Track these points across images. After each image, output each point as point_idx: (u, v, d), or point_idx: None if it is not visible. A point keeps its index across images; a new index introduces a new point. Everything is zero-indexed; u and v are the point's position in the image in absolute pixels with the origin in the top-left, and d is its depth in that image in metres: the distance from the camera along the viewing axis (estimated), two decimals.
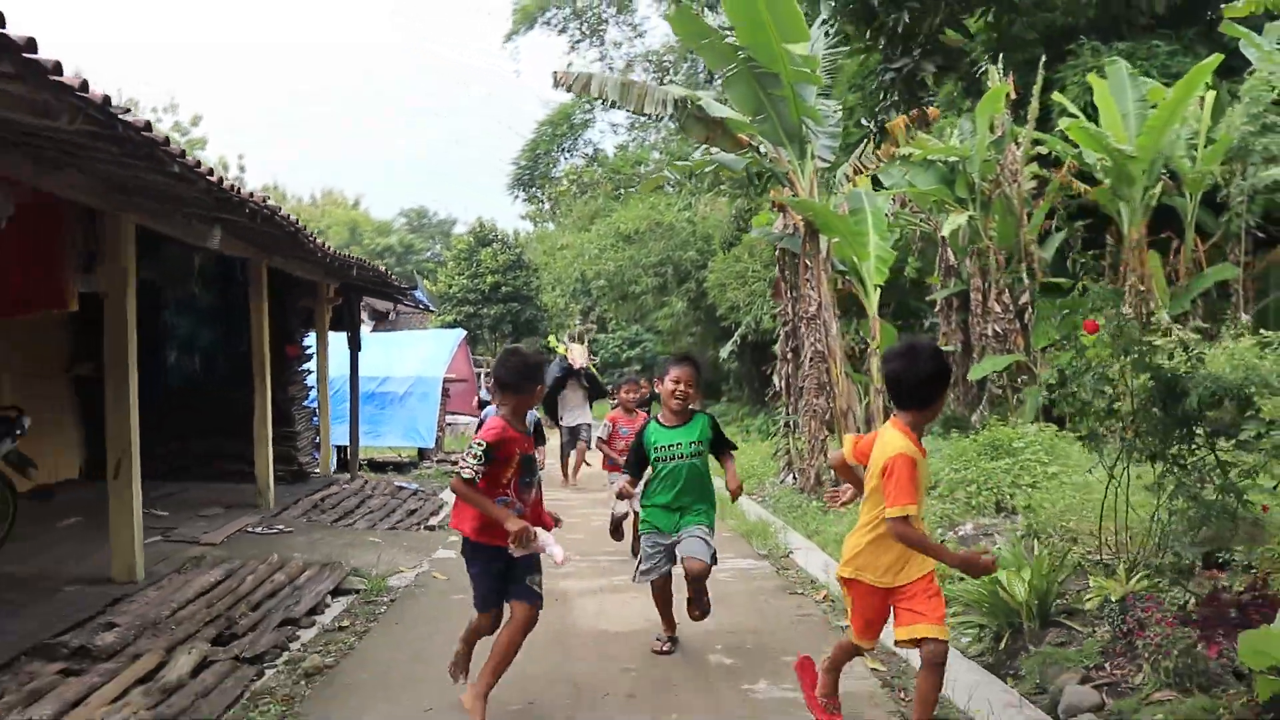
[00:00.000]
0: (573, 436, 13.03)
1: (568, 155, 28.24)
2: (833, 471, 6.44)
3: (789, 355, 12.29)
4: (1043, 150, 13.10)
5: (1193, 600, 4.48)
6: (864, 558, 3.75)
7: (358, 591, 6.26)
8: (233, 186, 5.68)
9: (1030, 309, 12.76)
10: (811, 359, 11.25)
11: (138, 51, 74.12)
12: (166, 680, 4.28)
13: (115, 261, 5.82)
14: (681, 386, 5.07)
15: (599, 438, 8.39)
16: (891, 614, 3.76)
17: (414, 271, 32.11)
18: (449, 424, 16.62)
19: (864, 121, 15.99)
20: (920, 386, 3.58)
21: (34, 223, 5.55)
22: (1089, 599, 5.17)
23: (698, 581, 5.07)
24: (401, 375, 14.13)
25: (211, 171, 5.36)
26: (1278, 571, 4.36)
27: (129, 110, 4.49)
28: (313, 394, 11.38)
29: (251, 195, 6.13)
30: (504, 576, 4.06)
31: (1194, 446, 4.74)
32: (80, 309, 6.62)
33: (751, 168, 11.73)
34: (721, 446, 5.29)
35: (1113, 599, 4.75)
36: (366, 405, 13.50)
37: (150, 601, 5.60)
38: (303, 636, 5.26)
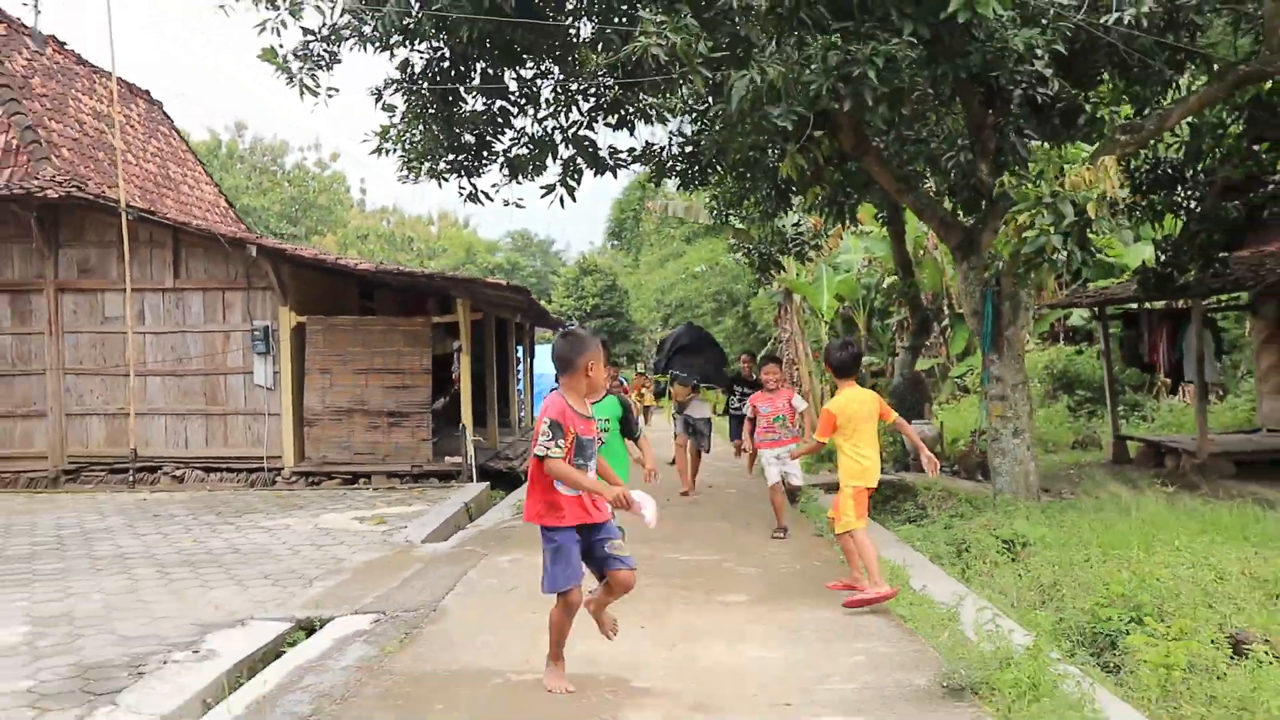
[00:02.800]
0: (692, 432, 12.56)
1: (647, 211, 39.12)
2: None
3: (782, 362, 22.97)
4: None
5: None
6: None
7: None
8: (539, 301, 16.52)
9: (949, 329, 23.13)
10: (787, 364, 21.89)
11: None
12: None
13: (488, 330, 16.66)
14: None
15: (747, 417, 9.36)
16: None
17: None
18: None
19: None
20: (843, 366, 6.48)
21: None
22: None
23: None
24: (552, 372, 25.05)
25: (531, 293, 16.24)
26: None
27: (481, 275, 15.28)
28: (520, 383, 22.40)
29: (534, 298, 16.98)
30: (584, 553, 4.49)
31: None
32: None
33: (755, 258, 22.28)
34: (630, 429, 6.40)
35: None
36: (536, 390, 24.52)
37: (510, 449, 16.53)
38: None
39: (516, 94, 10.94)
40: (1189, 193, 12.67)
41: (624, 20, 8.21)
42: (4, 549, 8.94)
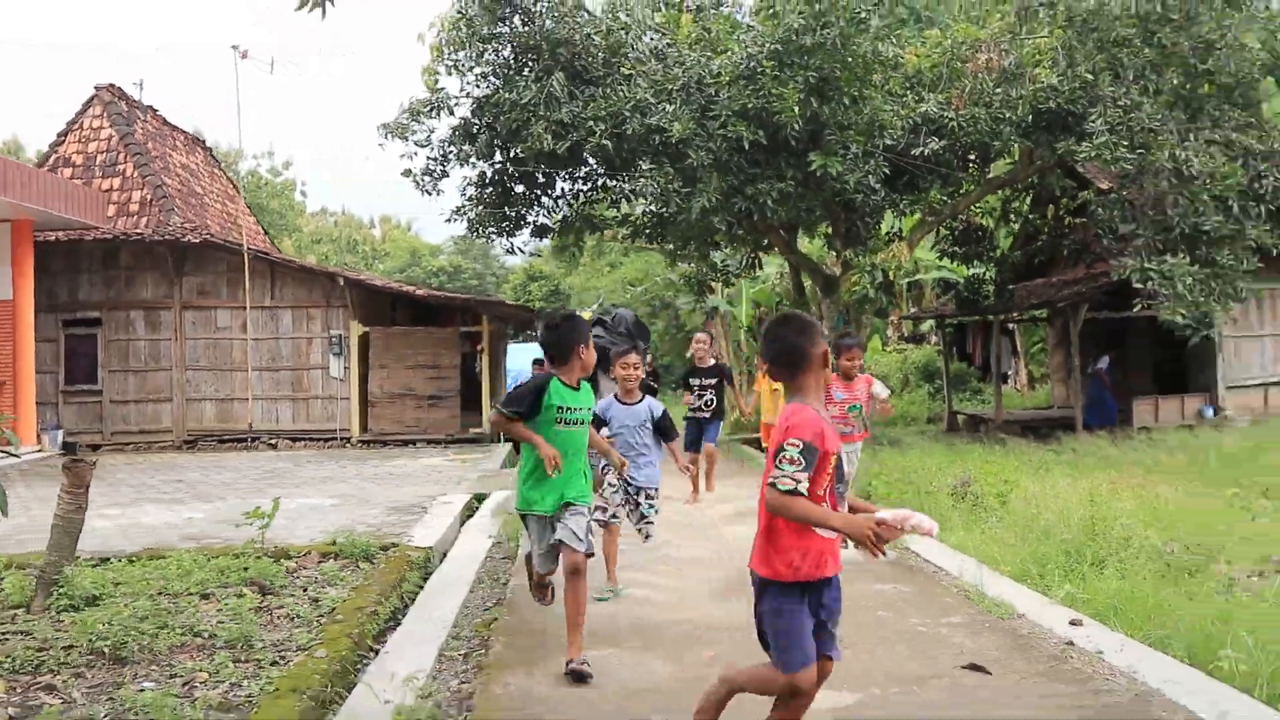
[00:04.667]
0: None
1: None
2: None
3: None
4: None
5: None
6: None
7: None
8: (534, 312, 22.88)
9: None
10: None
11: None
12: None
13: (494, 336, 23.00)
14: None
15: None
16: None
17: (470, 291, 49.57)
18: None
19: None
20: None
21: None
22: None
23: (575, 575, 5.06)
24: (516, 368, 31.37)
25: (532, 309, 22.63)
26: None
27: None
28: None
29: (531, 309, 23.31)
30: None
31: None
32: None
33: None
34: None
35: None
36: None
37: None
38: None
39: (543, 183, 17.42)
40: (986, 246, 19.67)
41: (629, 162, 14.78)
42: (244, 477, 15.15)
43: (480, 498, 12.43)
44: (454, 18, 15.38)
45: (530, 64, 14.99)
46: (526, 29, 15.16)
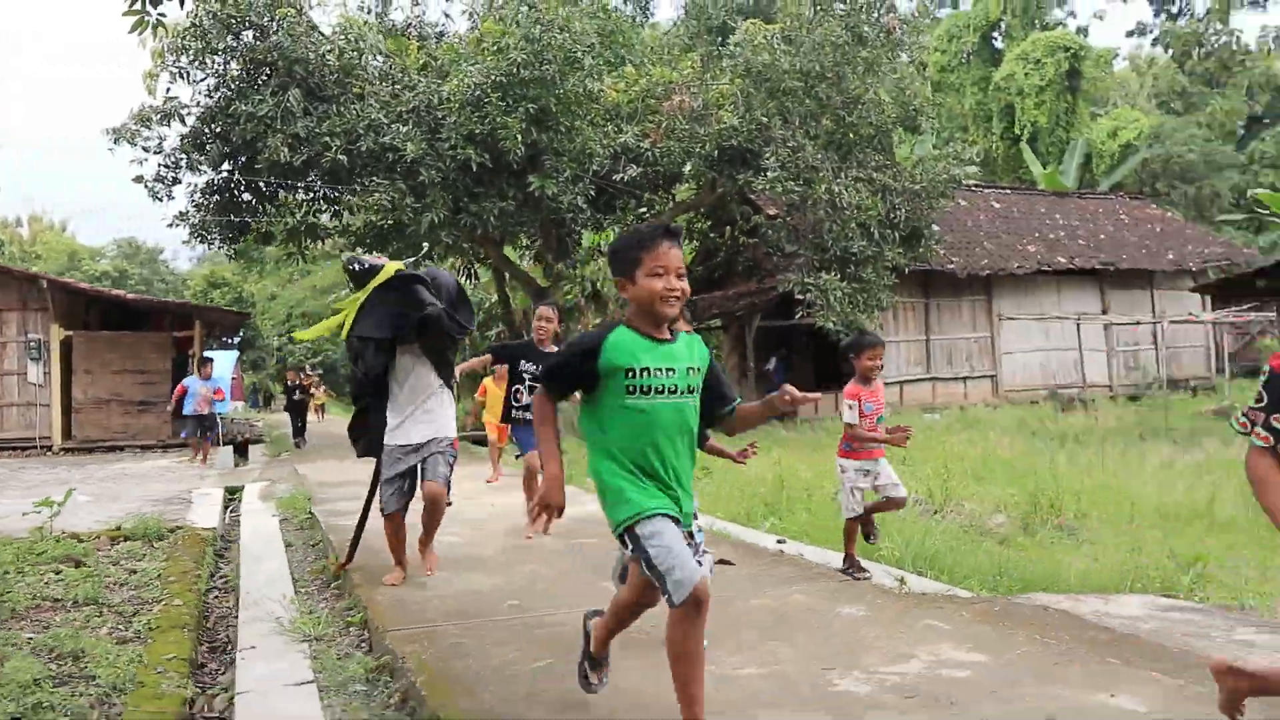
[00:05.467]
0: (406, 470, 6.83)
1: None
2: None
3: None
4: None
5: None
6: None
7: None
8: (247, 317, 23.21)
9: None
10: None
11: None
12: None
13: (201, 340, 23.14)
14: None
15: (846, 422, 6.63)
16: None
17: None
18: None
19: None
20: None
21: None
22: None
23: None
24: (218, 374, 31.13)
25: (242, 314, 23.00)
26: None
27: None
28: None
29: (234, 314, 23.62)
30: None
31: None
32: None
33: None
34: (722, 400, 3.68)
35: None
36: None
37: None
38: None
39: (266, 192, 18.20)
40: None
41: (360, 176, 15.99)
42: None
43: (233, 490, 13.27)
44: (184, 26, 15.97)
45: (264, 78, 15.90)
46: (260, 44, 16.04)
